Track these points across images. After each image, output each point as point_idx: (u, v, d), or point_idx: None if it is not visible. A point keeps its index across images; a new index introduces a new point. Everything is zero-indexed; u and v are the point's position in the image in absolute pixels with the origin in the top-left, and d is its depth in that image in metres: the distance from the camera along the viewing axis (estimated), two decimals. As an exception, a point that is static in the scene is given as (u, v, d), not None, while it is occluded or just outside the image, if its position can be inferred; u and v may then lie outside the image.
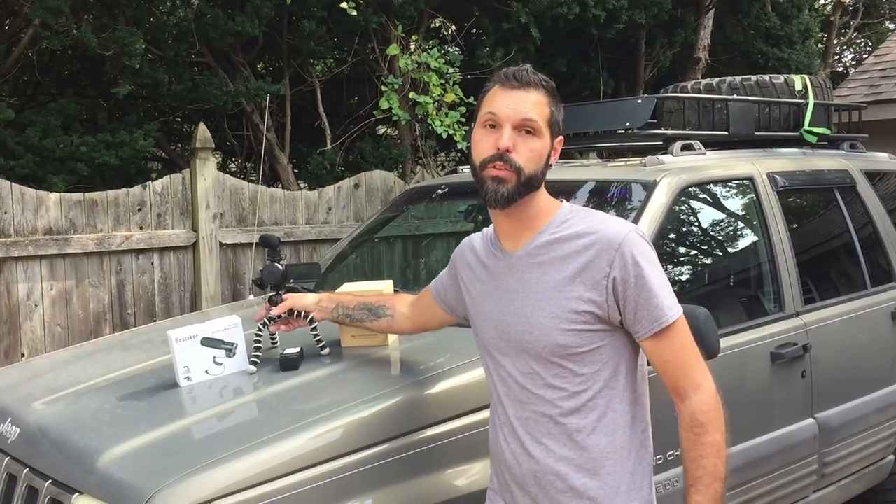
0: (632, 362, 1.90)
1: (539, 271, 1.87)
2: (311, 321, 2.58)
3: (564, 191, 3.01)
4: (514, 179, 1.83)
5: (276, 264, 2.67)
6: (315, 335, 2.60)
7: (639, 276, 1.80)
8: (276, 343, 2.73)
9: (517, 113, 1.83)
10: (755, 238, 3.45)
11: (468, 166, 4.29)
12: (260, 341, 2.57)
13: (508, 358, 1.91)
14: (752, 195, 3.44)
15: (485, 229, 2.07)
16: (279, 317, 2.59)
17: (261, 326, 2.58)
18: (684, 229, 3.35)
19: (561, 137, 1.93)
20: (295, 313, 2.57)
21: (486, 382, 2.05)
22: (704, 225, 3.49)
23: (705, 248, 3.48)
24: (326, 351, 2.59)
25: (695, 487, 1.81)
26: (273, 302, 2.61)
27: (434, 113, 6.33)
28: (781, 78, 4.24)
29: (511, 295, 1.91)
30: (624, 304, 1.82)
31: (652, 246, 1.88)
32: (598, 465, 1.85)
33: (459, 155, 8.03)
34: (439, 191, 4.07)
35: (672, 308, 1.83)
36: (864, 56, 15.08)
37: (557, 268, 1.85)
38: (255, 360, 2.55)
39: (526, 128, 1.84)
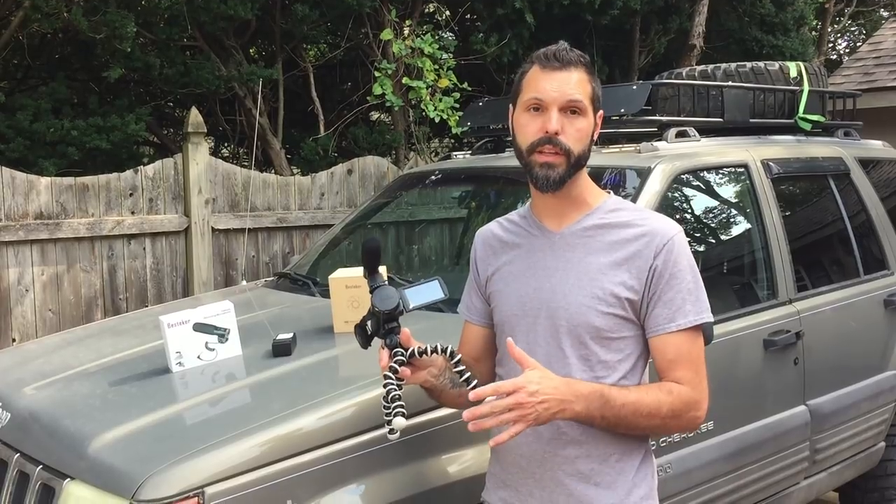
0: (647, 359, 1.92)
1: (584, 251, 1.88)
2: (459, 361, 1.84)
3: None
4: (564, 162, 1.83)
5: (386, 284, 1.94)
6: (461, 373, 1.83)
7: (675, 273, 1.84)
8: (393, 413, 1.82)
9: (563, 95, 1.82)
10: (749, 225, 3.45)
11: (462, 152, 4.33)
12: (393, 387, 1.82)
13: (532, 335, 1.90)
14: (747, 182, 3.44)
15: (505, 216, 2.06)
16: (404, 358, 1.85)
17: (389, 374, 1.83)
18: (678, 216, 3.34)
19: (601, 112, 1.92)
20: (429, 349, 1.86)
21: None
22: (698, 212, 3.49)
23: (699, 234, 3.48)
24: (475, 384, 1.79)
25: (606, 389, 1.78)
26: (391, 343, 1.87)
27: (427, 98, 6.30)
28: (776, 65, 4.24)
29: (548, 272, 1.90)
30: (651, 295, 1.84)
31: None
32: (608, 451, 1.86)
33: (453, 141, 8.00)
34: (433, 177, 4.06)
35: (701, 313, 1.86)
36: (858, 44, 15.07)
37: (604, 252, 1.86)
38: (400, 411, 1.79)
39: (572, 108, 1.83)
